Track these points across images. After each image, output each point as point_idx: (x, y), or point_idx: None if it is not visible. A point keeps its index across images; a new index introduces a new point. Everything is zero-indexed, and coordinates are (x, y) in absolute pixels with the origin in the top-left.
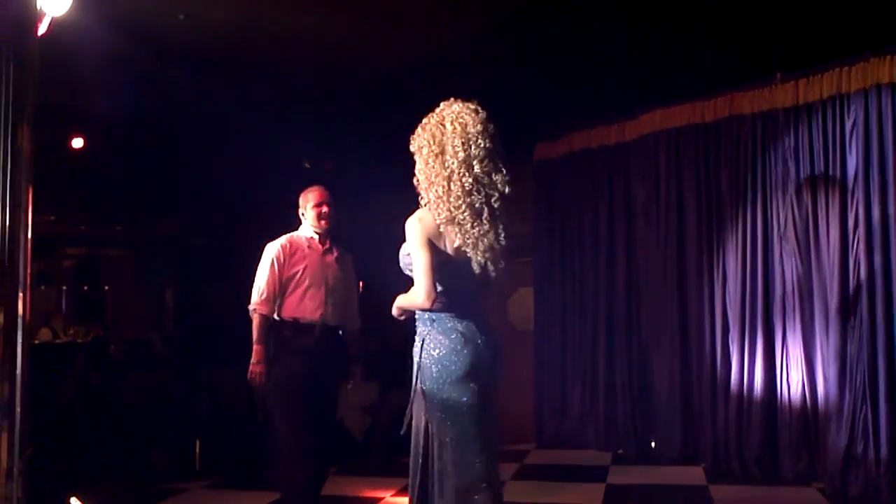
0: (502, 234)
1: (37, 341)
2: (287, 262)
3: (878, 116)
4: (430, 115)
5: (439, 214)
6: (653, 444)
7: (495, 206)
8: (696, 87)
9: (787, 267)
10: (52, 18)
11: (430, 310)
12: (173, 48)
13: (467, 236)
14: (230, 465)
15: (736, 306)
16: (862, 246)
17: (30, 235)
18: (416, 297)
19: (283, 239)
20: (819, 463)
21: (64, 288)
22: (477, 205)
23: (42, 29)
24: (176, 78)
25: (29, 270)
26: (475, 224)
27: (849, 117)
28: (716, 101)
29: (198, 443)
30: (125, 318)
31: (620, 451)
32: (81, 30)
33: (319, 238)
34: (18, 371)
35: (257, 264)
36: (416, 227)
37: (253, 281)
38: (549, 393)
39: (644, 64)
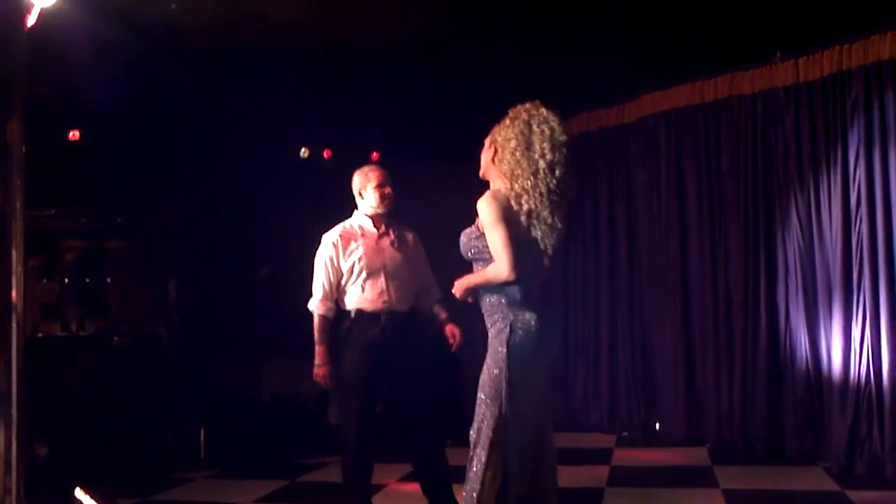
0: (561, 235)
1: (40, 334)
2: (342, 255)
3: (878, 93)
4: (516, 110)
5: (521, 206)
6: (657, 426)
7: (565, 210)
8: (695, 68)
9: (790, 246)
10: (41, 10)
11: (510, 284)
12: (167, 36)
13: (544, 228)
14: (235, 454)
15: (738, 287)
16: (865, 224)
17: (22, 228)
18: (499, 270)
19: (335, 233)
20: (824, 442)
21: (66, 281)
22: (554, 201)
23: (31, 21)
24: (171, 66)
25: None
26: (551, 220)
27: (849, 95)
28: (716, 80)
29: (203, 432)
30: (128, 309)
31: (625, 434)
32: (71, 20)
33: (374, 222)
34: (14, 362)
35: (257, 253)
36: (492, 205)
37: (248, 269)
38: (552, 376)
39: (643, 45)
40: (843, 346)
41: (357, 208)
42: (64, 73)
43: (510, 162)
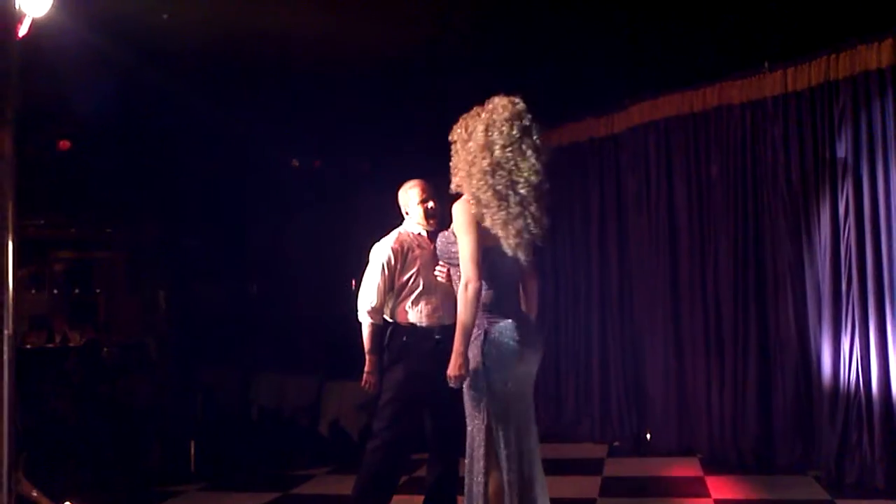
0: (531, 223)
1: (29, 345)
2: (400, 265)
3: (866, 103)
4: (473, 109)
5: (480, 209)
6: (648, 436)
7: (522, 192)
8: (684, 78)
9: (779, 256)
10: (33, 20)
11: (485, 290)
12: (158, 47)
13: (495, 218)
14: (225, 467)
15: (728, 297)
16: (853, 234)
17: (13, 239)
18: (465, 278)
19: (391, 240)
20: (814, 451)
21: (55, 292)
22: (499, 187)
23: (22, 31)
24: (163, 78)
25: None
26: (501, 206)
27: (837, 105)
28: (704, 90)
29: (193, 445)
30: (118, 320)
31: (616, 444)
32: (63, 31)
33: (428, 234)
34: (6, 375)
35: (247, 266)
36: (464, 211)
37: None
38: (543, 386)
39: (632, 55)
40: (832, 356)
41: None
42: (56, 83)
43: (454, 159)
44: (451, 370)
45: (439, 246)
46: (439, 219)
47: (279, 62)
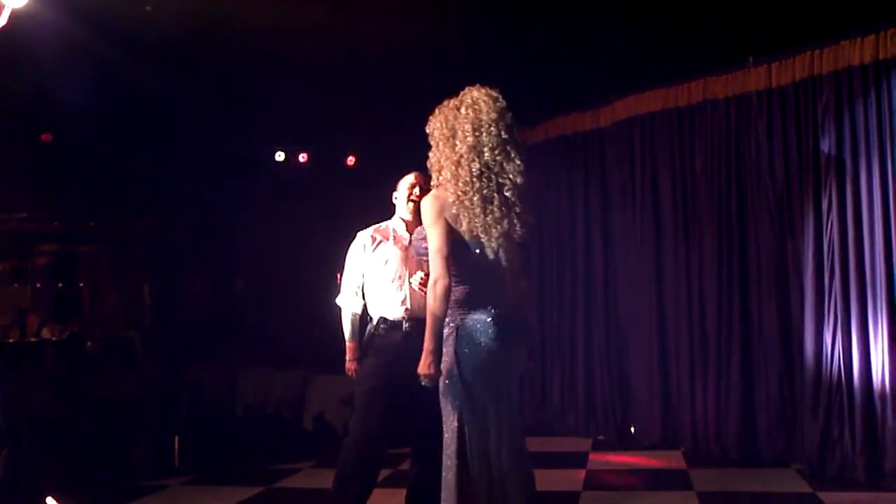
0: (517, 224)
1: (11, 339)
2: (370, 255)
3: (849, 98)
4: (449, 98)
5: (447, 198)
6: (632, 430)
7: (507, 194)
8: (669, 72)
9: (763, 251)
10: (12, 10)
11: (457, 285)
12: (141, 39)
13: (477, 221)
14: (210, 461)
15: (712, 291)
16: (836, 229)
17: None
18: (433, 274)
19: (369, 230)
20: (796, 445)
21: (38, 285)
22: (486, 191)
23: (1, 22)
24: (146, 70)
25: None
26: (486, 211)
27: (821, 100)
28: (689, 85)
29: (177, 439)
30: (102, 314)
31: (601, 438)
32: (43, 22)
33: (408, 226)
34: None
35: (232, 261)
36: (430, 205)
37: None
38: (528, 381)
39: (617, 50)
40: (814, 350)
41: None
42: (36, 75)
43: (436, 153)
44: (422, 368)
45: (414, 243)
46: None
47: (265, 54)
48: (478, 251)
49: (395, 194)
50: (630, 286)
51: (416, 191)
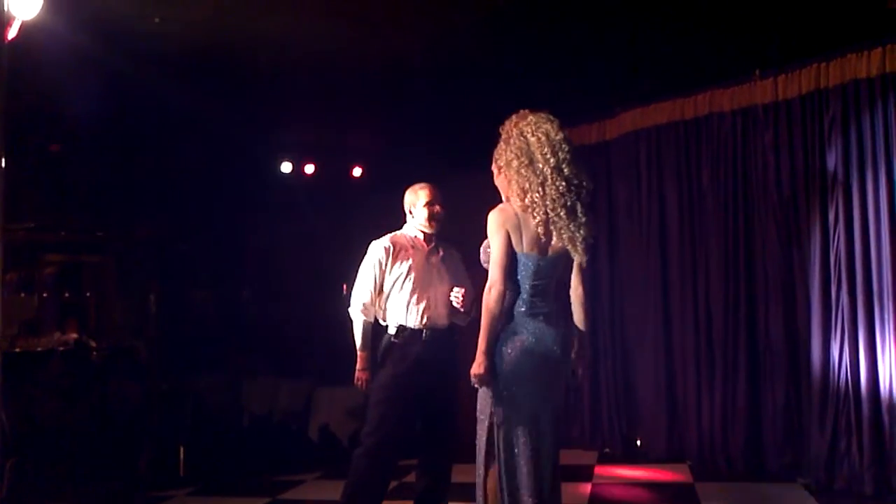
0: (591, 227)
1: (18, 349)
2: (390, 264)
3: (856, 111)
4: (506, 128)
5: (535, 218)
6: (638, 443)
7: (587, 201)
8: (675, 85)
9: (769, 263)
10: (23, 23)
11: (513, 294)
12: (149, 50)
13: (564, 233)
14: (214, 472)
15: (719, 303)
16: (843, 241)
17: (1, 243)
18: (490, 281)
19: (386, 239)
20: (804, 458)
21: (45, 295)
22: (569, 203)
23: (12, 33)
24: (154, 81)
25: (0, 277)
26: (571, 222)
27: (827, 113)
28: (695, 98)
29: (182, 449)
30: (108, 324)
31: (606, 450)
32: (53, 34)
33: (425, 237)
34: None
35: (238, 271)
36: (493, 217)
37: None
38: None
39: (624, 62)
40: (821, 363)
41: (406, 223)
42: (45, 86)
43: (518, 180)
44: (474, 368)
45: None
46: (443, 223)
47: (272, 65)
48: (533, 259)
49: (407, 206)
50: (636, 298)
51: (437, 208)
